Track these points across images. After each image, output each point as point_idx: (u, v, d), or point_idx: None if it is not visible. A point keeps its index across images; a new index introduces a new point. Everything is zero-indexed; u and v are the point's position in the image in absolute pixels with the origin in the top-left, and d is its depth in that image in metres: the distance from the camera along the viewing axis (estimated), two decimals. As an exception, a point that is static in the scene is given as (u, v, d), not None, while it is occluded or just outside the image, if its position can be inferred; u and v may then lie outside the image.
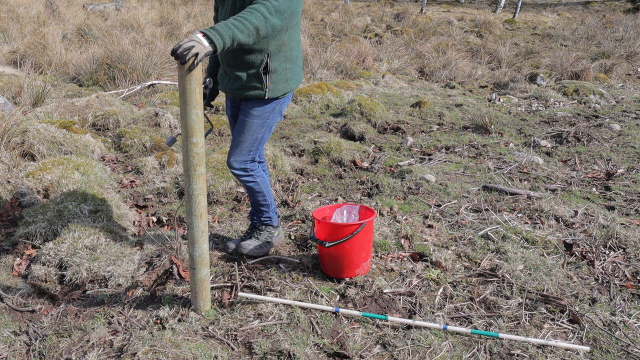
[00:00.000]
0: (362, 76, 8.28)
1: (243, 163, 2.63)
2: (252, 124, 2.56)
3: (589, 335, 2.34)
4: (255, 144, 2.62)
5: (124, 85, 6.55)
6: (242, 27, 2.09)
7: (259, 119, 2.56)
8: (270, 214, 2.93)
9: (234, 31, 2.06)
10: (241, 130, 2.59)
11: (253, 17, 2.13)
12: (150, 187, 3.87)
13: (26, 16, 10.88)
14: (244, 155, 2.61)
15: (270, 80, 2.49)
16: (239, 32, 2.07)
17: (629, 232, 3.20)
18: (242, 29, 2.09)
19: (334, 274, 2.71)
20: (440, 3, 22.53)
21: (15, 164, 3.75)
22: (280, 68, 2.50)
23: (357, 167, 4.52)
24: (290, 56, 2.52)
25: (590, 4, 21.99)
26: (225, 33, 2.03)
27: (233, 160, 2.61)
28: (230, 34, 2.04)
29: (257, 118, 2.56)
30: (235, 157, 2.61)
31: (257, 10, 2.16)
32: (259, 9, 2.16)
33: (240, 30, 2.08)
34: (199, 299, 2.39)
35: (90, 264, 2.70)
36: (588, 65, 9.02)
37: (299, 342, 2.23)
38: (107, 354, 2.16)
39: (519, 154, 4.87)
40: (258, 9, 2.16)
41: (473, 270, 2.84)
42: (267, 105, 2.57)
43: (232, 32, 2.05)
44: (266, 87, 2.50)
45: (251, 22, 2.12)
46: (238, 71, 2.49)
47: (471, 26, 14.84)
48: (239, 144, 2.60)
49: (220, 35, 2.01)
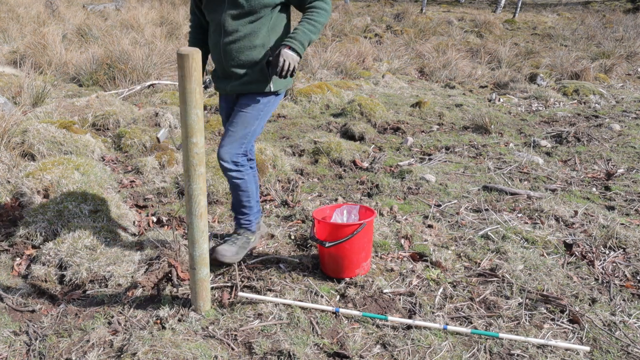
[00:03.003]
0: (362, 76, 8.28)
1: (235, 156, 2.55)
2: (247, 115, 2.54)
3: (589, 335, 2.34)
4: (247, 136, 2.56)
5: (124, 85, 6.55)
6: (315, 29, 2.42)
7: (254, 111, 2.56)
8: (251, 217, 2.80)
9: (310, 36, 2.41)
10: (235, 122, 2.55)
11: (321, 17, 2.44)
12: (150, 187, 3.87)
13: (26, 16, 10.88)
14: (235, 148, 2.54)
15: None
16: (314, 36, 2.43)
17: (629, 232, 3.20)
18: (315, 31, 2.43)
19: (334, 274, 2.71)
20: (440, 3, 22.53)
21: (15, 164, 3.75)
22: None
23: (357, 167, 4.52)
24: None
25: (590, 4, 21.99)
26: (305, 40, 2.39)
27: (224, 151, 2.53)
28: (308, 39, 2.40)
29: (253, 111, 2.56)
30: (227, 147, 2.53)
31: (322, 8, 2.46)
32: (322, 6, 2.46)
33: (314, 33, 2.42)
34: (199, 299, 2.39)
35: (90, 264, 2.70)
36: (588, 65, 9.03)
37: (299, 342, 2.23)
38: (107, 354, 2.16)
39: (519, 154, 4.87)
40: (322, 7, 2.46)
41: (473, 270, 2.84)
42: (265, 98, 2.58)
43: (309, 37, 2.40)
44: (270, 79, 2.53)
45: (321, 22, 2.44)
46: (240, 69, 2.51)
47: (471, 26, 14.84)
48: (231, 135, 2.54)
49: (302, 44, 2.38)
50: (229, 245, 2.73)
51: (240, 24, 2.46)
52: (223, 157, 2.54)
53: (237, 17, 2.45)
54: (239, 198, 2.72)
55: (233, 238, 2.79)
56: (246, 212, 2.78)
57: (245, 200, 2.72)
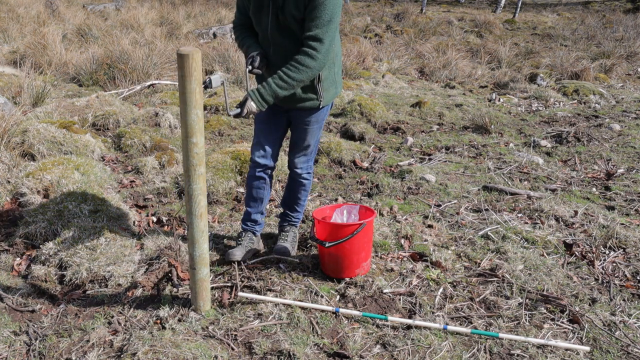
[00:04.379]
0: (362, 76, 8.28)
1: (310, 168, 2.84)
2: (313, 130, 2.69)
3: (589, 335, 2.34)
4: (317, 146, 2.83)
5: (124, 85, 6.55)
6: (286, 86, 2.33)
7: (318, 124, 2.69)
8: (301, 215, 3.05)
9: (277, 91, 2.32)
10: (304, 137, 2.71)
11: (299, 74, 2.32)
12: (150, 187, 3.87)
13: (26, 16, 10.88)
14: (311, 160, 2.83)
15: (323, 88, 2.53)
16: (281, 91, 2.33)
17: (629, 232, 3.20)
18: (286, 87, 2.33)
19: (334, 274, 2.71)
20: (440, 3, 22.53)
21: (15, 164, 3.75)
22: (330, 74, 2.55)
23: (357, 167, 4.52)
24: (335, 59, 2.56)
25: (590, 4, 21.99)
26: (268, 96, 2.33)
27: (301, 166, 2.80)
28: (272, 94, 2.33)
29: (317, 124, 2.68)
30: (303, 162, 2.80)
31: (303, 64, 2.31)
32: (305, 62, 2.31)
33: (283, 89, 2.33)
34: (199, 299, 2.39)
35: (90, 264, 2.70)
36: (588, 65, 9.02)
37: (299, 342, 2.23)
38: (107, 354, 2.16)
39: (519, 154, 4.87)
40: (304, 62, 2.31)
41: (473, 270, 2.84)
42: (322, 110, 2.65)
43: (274, 92, 2.32)
44: (321, 96, 2.55)
45: (296, 79, 2.33)
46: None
47: (471, 26, 14.84)
48: (304, 150, 2.76)
49: (264, 100, 2.33)
50: (282, 242, 2.95)
51: (284, 40, 2.42)
52: (301, 172, 2.81)
53: (282, 33, 2.41)
54: (299, 196, 2.93)
55: (283, 236, 2.99)
56: (299, 211, 3.00)
57: (304, 199, 2.96)
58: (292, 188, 2.92)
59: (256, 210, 2.90)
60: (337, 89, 2.66)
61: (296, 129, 2.72)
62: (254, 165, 2.77)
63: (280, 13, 2.34)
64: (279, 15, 2.35)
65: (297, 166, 2.80)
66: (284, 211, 3.02)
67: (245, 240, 2.88)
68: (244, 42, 2.56)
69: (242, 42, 2.58)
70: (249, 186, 2.85)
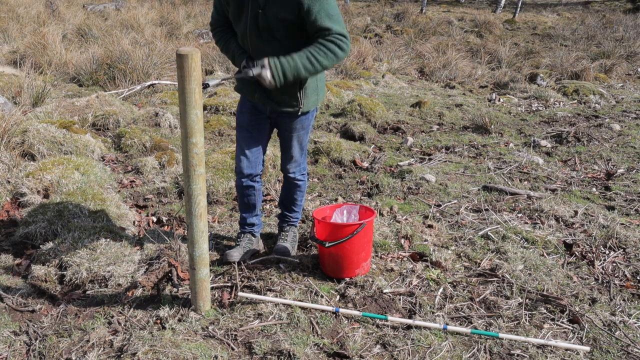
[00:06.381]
0: (362, 76, 8.28)
1: (303, 170, 2.85)
2: (300, 136, 2.68)
3: (589, 335, 2.34)
4: (305, 149, 2.82)
5: (124, 85, 6.55)
6: (311, 68, 2.27)
7: (304, 130, 2.68)
8: (299, 215, 3.06)
9: (300, 72, 2.26)
10: (292, 144, 2.70)
11: (326, 60, 2.27)
12: (150, 187, 3.87)
13: (26, 16, 10.88)
14: (303, 163, 2.83)
15: (304, 95, 2.51)
16: (304, 72, 2.27)
17: (629, 232, 3.20)
18: (311, 70, 2.28)
19: (334, 274, 2.71)
20: (440, 3, 22.53)
21: (15, 164, 3.75)
22: (313, 81, 2.52)
23: (357, 167, 4.51)
24: None
25: (590, 4, 21.99)
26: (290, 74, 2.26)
27: (293, 170, 2.80)
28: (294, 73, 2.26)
29: (302, 130, 2.67)
30: (295, 167, 2.79)
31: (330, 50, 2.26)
32: (332, 47, 2.26)
33: (307, 71, 2.28)
34: (199, 299, 2.39)
35: (90, 264, 2.70)
36: (588, 65, 9.03)
37: (299, 342, 2.23)
38: (107, 354, 2.16)
39: (519, 154, 4.87)
40: (331, 48, 2.26)
41: (473, 270, 2.84)
42: (306, 116, 2.63)
43: (297, 72, 2.26)
44: (301, 103, 2.52)
45: (322, 64, 2.27)
46: (274, 91, 2.44)
47: (471, 26, 14.84)
48: (294, 156, 2.74)
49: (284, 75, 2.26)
50: (282, 242, 2.95)
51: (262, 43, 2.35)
52: (295, 176, 2.82)
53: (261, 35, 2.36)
54: (295, 197, 2.93)
55: (282, 236, 2.99)
56: (297, 211, 3.00)
57: (300, 199, 2.96)
58: (288, 190, 2.92)
59: (251, 215, 2.90)
60: (319, 96, 2.61)
61: (283, 136, 2.70)
62: (240, 175, 2.73)
63: (261, 14, 2.27)
64: (259, 17, 2.28)
65: (289, 171, 2.81)
66: (282, 212, 3.03)
67: (244, 241, 2.89)
68: (228, 46, 2.50)
69: (226, 47, 2.51)
70: (239, 195, 2.83)
